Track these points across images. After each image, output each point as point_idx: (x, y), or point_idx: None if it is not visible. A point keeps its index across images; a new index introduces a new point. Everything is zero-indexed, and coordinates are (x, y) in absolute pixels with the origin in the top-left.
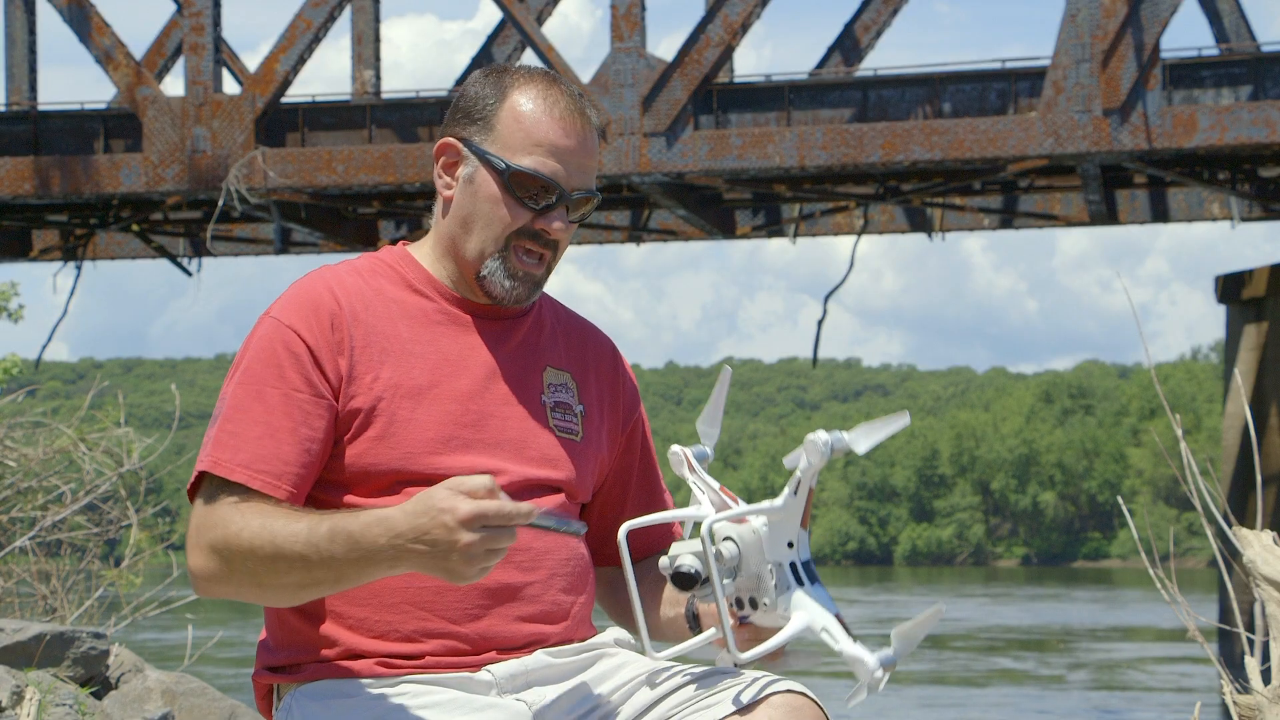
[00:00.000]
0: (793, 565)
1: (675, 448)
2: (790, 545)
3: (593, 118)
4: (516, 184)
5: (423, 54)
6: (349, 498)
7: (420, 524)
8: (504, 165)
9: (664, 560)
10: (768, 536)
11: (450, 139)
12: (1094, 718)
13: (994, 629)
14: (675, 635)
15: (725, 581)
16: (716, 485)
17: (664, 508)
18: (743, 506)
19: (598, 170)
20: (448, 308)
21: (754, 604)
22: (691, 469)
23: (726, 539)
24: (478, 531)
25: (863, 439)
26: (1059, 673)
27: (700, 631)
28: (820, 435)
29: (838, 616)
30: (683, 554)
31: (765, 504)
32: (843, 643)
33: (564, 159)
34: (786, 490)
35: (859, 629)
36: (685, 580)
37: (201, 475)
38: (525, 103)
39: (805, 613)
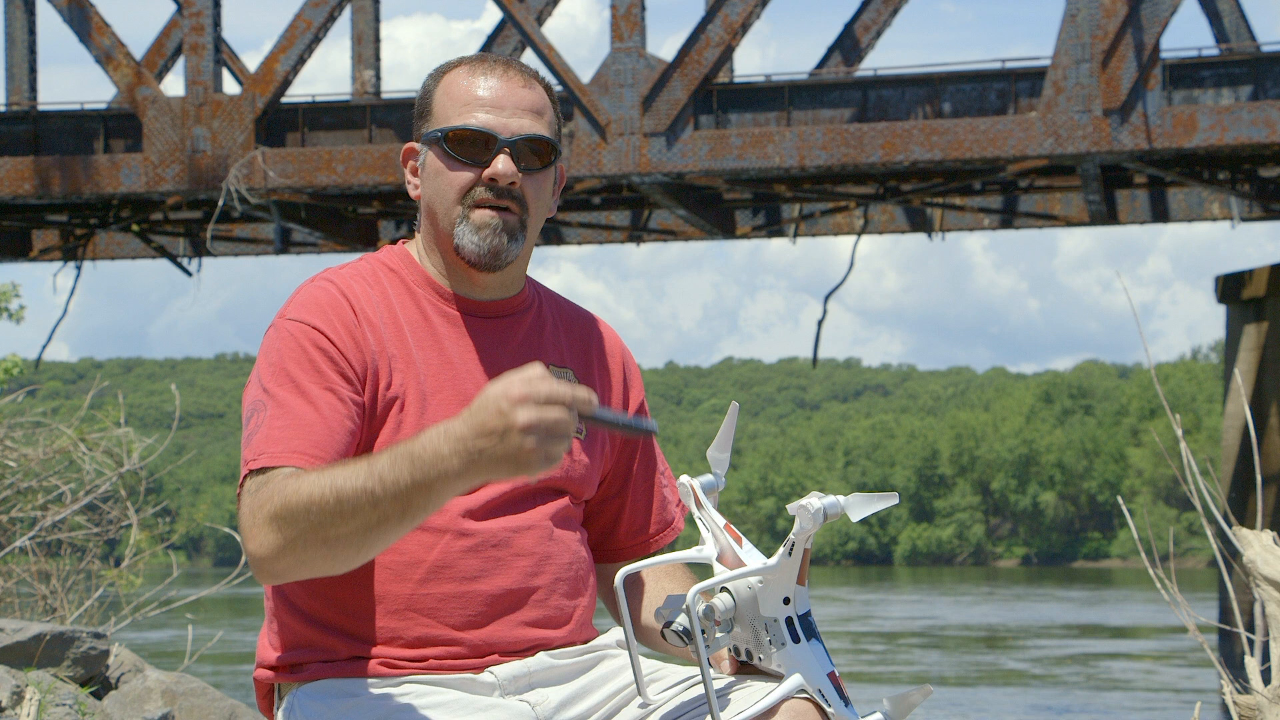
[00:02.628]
0: (789, 620)
1: (684, 479)
2: (787, 601)
3: (525, 71)
4: (454, 146)
5: (428, 54)
6: None
7: (478, 419)
8: (439, 134)
9: (658, 612)
10: (762, 593)
11: (409, 143)
12: (1094, 718)
13: (987, 627)
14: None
15: (721, 635)
16: (722, 523)
17: (664, 502)
18: (734, 572)
19: (554, 127)
20: (448, 309)
21: (750, 655)
22: (699, 505)
23: (723, 590)
24: (533, 408)
25: (856, 507)
26: (1058, 672)
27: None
28: (813, 502)
29: (831, 675)
30: (674, 612)
31: (759, 565)
32: (834, 705)
33: (494, 108)
34: (781, 551)
35: (857, 627)
36: (677, 640)
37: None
38: (453, 78)
39: (798, 672)
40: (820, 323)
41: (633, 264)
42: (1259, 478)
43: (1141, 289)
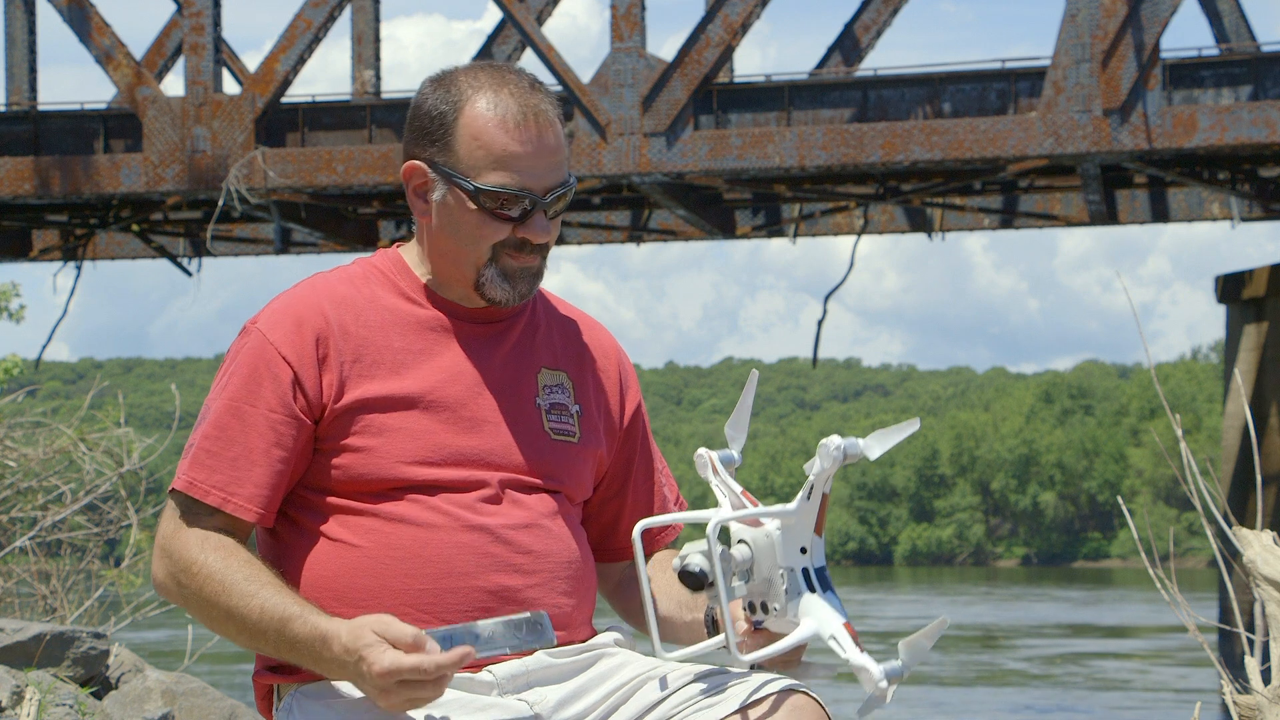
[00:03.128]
0: (805, 571)
1: (701, 451)
2: (804, 551)
3: (549, 109)
4: (488, 201)
5: (429, 54)
6: (339, 500)
7: (347, 660)
8: (472, 187)
9: (675, 560)
10: (780, 541)
11: (416, 163)
12: (1093, 718)
13: (983, 627)
14: (693, 639)
15: (737, 584)
16: (739, 489)
17: (664, 500)
18: (753, 509)
19: (568, 158)
20: (439, 315)
21: (765, 608)
22: (715, 471)
23: (740, 541)
24: (394, 686)
25: (875, 444)
26: (1056, 672)
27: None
28: (834, 439)
29: (847, 625)
30: (692, 554)
31: (777, 507)
32: (850, 652)
33: (528, 166)
34: (800, 495)
35: (858, 626)
36: (693, 580)
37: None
38: (478, 117)
39: (814, 619)
40: (820, 323)
41: (633, 264)
42: (1259, 478)
43: (1141, 289)
